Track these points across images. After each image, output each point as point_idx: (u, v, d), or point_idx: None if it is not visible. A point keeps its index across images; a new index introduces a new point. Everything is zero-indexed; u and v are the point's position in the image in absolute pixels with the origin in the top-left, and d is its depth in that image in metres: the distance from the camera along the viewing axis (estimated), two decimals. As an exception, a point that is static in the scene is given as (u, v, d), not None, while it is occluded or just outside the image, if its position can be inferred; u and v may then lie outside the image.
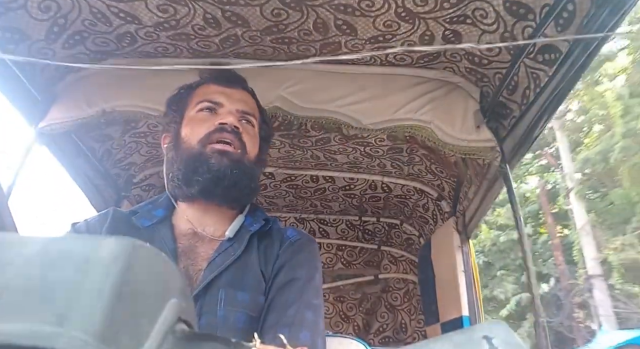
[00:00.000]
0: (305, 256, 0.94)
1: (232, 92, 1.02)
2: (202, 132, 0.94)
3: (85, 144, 1.64)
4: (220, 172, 0.90)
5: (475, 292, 1.80)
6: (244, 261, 0.91)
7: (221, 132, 0.94)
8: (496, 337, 0.32)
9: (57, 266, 0.27)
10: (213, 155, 0.91)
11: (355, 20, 1.17)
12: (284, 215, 2.45)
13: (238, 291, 0.86)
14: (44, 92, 1.38)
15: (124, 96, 1.40)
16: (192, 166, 0.91)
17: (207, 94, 1.01)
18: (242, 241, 0.93)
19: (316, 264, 0.96)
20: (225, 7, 1.14)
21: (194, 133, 0.95)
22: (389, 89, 1.40)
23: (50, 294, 0.25)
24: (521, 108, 1.29)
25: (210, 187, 0.90)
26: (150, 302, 0.29)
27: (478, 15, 1.12)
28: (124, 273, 0.27)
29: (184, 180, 0.92)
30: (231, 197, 0.95)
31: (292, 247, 0.95)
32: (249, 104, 1.04)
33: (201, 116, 0.98)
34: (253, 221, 0.99)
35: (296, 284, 0.88)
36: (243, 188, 0.94)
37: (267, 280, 0.90)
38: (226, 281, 0.86)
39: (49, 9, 1.14)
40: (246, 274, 0.89)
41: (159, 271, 0.31)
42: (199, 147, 0.93)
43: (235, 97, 1.01)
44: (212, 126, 0.94)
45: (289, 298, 0.86)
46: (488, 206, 1.70)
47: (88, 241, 0.29)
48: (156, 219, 0.95)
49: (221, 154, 0.92)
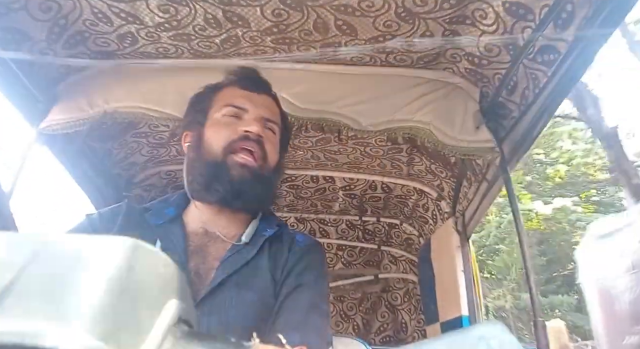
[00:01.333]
0: (314, 261, 0.96)
1: (258, 98, 1.02)
2: (226, 139, 0.94)
3: (86, 144, 1.64)
4: (240, 186, 0.91)
5: (475, 292, 1.80)
6: (255, 263, 0.92)
7: (245, 140, 0.94)
8: (493, 338, 0.32)
9: (58, 265, 0.27)
10: (235, 167, 0.92)
11: (355, 20, 1.17)
12: (285, 215, 2.46)
13: (248, 291, 0.87)
14: (45, 92, 1.38)
15: (125, 97, 1.41)
16: (213, 174, 0.92)
17: (232, 97, 1.01)
18: (256, 244, 0.94)
19: (324, 270, 0.98)
20: (226, 7, 1.14)
21: (218, 138, 0.95)
22: (389, 90, 1.40)
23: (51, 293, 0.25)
24: (520, 108, 1.29)
25: (229, 198, 0.92)
26: (150, 302, 0.29)
27: (477, 16, 1.13)
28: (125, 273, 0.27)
29: (204, 186, 0.93)
30: (249, 207, 0.97)
31: (300, 252, 0.96)
32: (272, 111, 1.04)
33: (225, 121, 0.97)
34: (267, 226, 1.00)
35: (305, 290, 0.89)
36: (262, 200, 0.97)
37: (277, 283, 0.91)
38: (237, 282, 0.87)
39: (50, 10, 1.15)
40: (256, 276, 0.90)
41: (160, 271, 0.31)
42: (222, 154, 0.93)
43: (260, 103, 1.01)
44: (235, 134, 0.94)
45: (298, 302, 0.87)
46: (488, 206, 1.70)
47: (89, 241, 0.30)
48: (167, 218, 0.96)
49: (242, 167, 0.92)
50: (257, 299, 0.87)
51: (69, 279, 0.26)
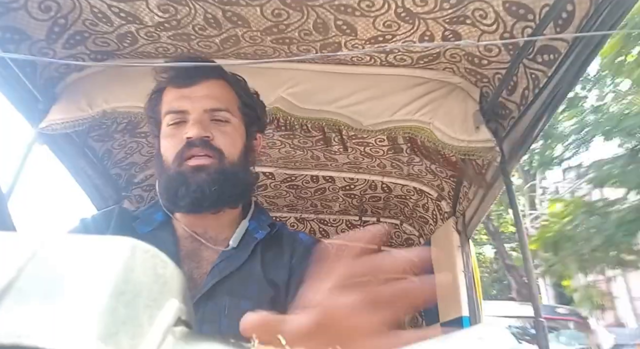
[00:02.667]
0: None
1: (194, 91, 0.92)
2: (174, 151, 0.89)
3: (86, 144, 1.64)
4: (199, 192, 0.86)
5: (475, 292, 1.80)
6: (247, 269, 0.89)
7: (190, 148, 0.88)
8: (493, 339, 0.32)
9: (57, 266, 0.27)
10: (189, 173, 0.87)
11: (355, 20, 1.17)
12: (284, 215, 2.46)
13: (242, 299, 0.84)
14: (45, 92, 1.38)
15: (125, 97, 1.41)
16: (173, 188, 0.88)
17: (170, 102, 0.93)
18: (246, 249, 0.91)
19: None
20: (225, 7, 1.14)
21: (168, 151, 0.90)
22: (389, 90, 1.40)
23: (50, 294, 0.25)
24: (520, 108, 1.29)
25: (197, 203, 0.87)
26: (149, 303, 0.29)
27: (478, 16, 1.13)
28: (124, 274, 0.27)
29: (170, 198, 0.90)
30: (221, 205, 0.91)
31: (307, 252, 0.92)
32: (216, 97, 0.93)
33: (170, 131, 0.92)
34: (258, 227, 0.96)
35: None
36: (230, 195, 0.91)
37: (281, 287, 0.87)
38: (230, 290, 0.84)
39: (50, 9, 1.15)
40: (250, 284, 0.87)
41: (159, 272, 0.31)
42: (174, 167, 0.89)
43: (199, 96, 0.91)
44: (180, 143, 0.89)
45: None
46: (488, 206, 1.70)
47: (88, 241, 0.29)
48: (157, 223, 0.94)
49: (197, 170, 0.87)
50: (251, 307, 0.84)
51: (68, 279, 0.26)
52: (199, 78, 0.93)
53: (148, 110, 1.00)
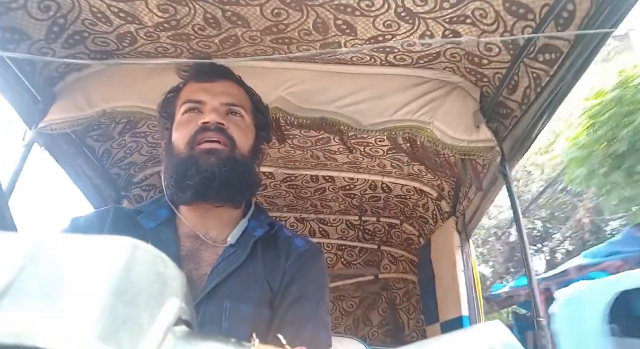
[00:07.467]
0: (316, 271, 0.93)
1: (214, 86, 0.98)
2: (188, 135, 0.92)
3: (85, 144, 1.64)
4: (209, 173, 0.88)
5: (475, 292, 1.80)
6: (248, 269, 0.89)
7: (205, 132, 0.91)
8: (494, 338, 0.32)
9: (57, 266, 0.27)
10: (201, 156, 0.89)
11: (355, 20, 1.17)
12: (284, 215, 2.45)
13: (242, 303, 0.84)
14: (44, 92, 1.38)
15: (125, 97, 1.40)
16: (182, 170, 0.89)
17: (189, 94, 0.98)
18: (246, 247, 0.91)
19: (326, 279, 0.96)
20: (225, 7, 1.14)
21: (182, 137, 0.93)
22: (389, 90, 1.40)
23: (50, 293, 0.25)
24: (521, 108, 1.29)
25: (203, 189, 0.88)
26: (150, 302, 0.29)
27: (478, 15, 1.12)
28: (124, 273, 0.27)
29: (177, 186, 0.90)
30: (227, 196, 0.92)
31: (301, 259, 0.93)
32: (234, 95, 0.99)
33: (186, 119, 0.95)
34: (257, 226, 0.97)
35: (310, 302, 0.87)
36: (238, 185, 0.92)
37: (276, 292, 0.88)
38: (231, 292, 0.84)
39: (49, 9, 1.14)
40: (251, 285, 0.87)
41: (159, 271, 0.31)
42: (187, 150, 0.91)
43: (218, 91, 0.97)
44: (196, 127, 0.92)
45: (303, 315, 0.85)
46: (488, 206, 1.70)
47: (88, 242, 0.29)
48: (160, 220, 0.94)
49: (209, 153, 0.89)
50: (252, 312, 0.84)
51: (68, 279, 0.26)
52: (219, 76, 1.00)
53: (162, 107, 1.04)
